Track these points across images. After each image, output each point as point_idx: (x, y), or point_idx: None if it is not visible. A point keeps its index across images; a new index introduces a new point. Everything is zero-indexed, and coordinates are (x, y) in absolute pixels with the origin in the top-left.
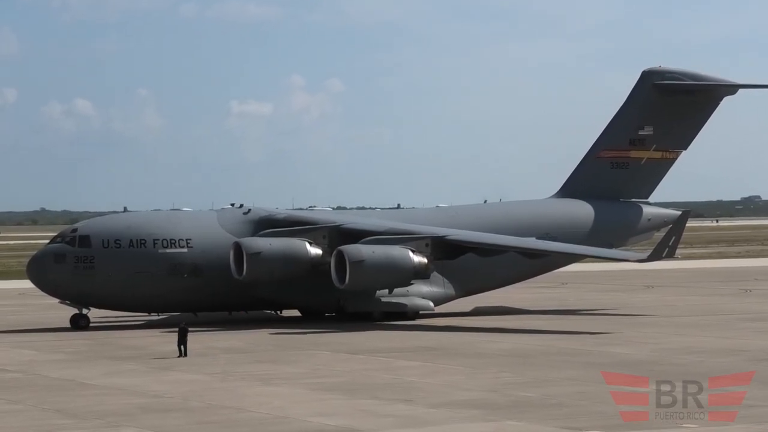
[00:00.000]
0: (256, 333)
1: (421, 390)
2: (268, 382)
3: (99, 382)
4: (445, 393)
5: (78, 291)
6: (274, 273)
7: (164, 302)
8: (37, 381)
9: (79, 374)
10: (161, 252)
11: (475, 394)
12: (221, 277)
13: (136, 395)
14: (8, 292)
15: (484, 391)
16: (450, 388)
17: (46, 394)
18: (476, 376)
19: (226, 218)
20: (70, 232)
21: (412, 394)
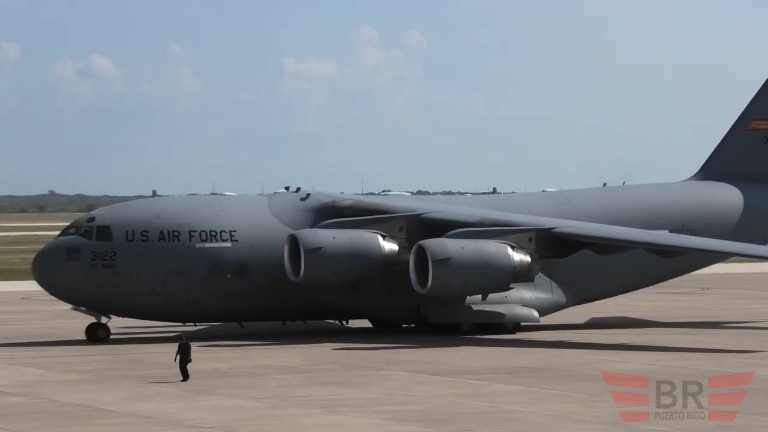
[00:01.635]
0: (316, 348)
1: (523, 422)
2: (331, 410)
3: (121, 408)
4: (552, 426)
5: (95, 295)
6: (338, 273)
7: (202, 310)
8: (43, 406)
9: (96, 398)
10: (199, 247)
11: (592, 427)
12: (273, 279)
13: (166, 425)
14: (9, 295)
15: (604, 423)
16: (559, 419)
17: (55, 423)
18: (593, 405)
19: (279, 205)
20: (85, 221)
21: (510, 426)
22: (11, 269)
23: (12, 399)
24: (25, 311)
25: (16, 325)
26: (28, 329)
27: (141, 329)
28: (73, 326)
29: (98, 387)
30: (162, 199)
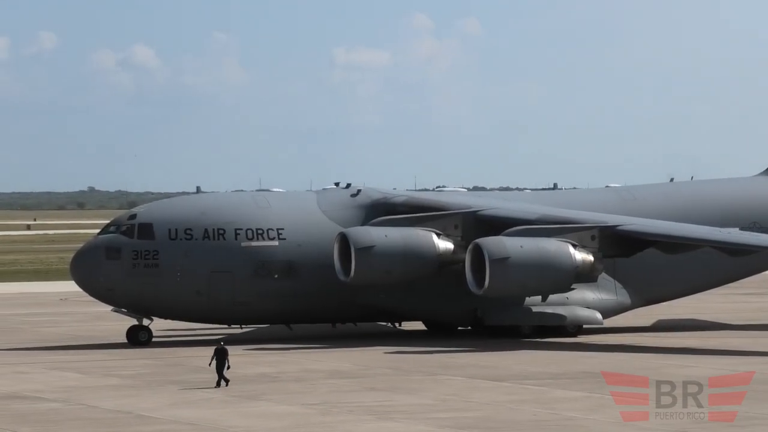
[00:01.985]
0: (367, 352)
1: (585, 429)
2: (384, 417)
3: (164, 415)
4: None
5: (137, 296)
6: (390, 273)
7: (248, 311)
8: (82, 413)
9: (137, 404)
10: (245, 246)
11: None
12: (322, 279)
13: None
14: (46, 296)
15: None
16: (624, 427)
17: (95, 431)
18: (660, 412)
19: (329, 202)
20: (127, 219)
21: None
22: (49, 269)
23: (50, 405)
24: (63, 313)
25: (54, 327)
26: (67, 332)
27: (184, 332)
28: (114, 329)
29: (140, 392)
30: (206, 195)
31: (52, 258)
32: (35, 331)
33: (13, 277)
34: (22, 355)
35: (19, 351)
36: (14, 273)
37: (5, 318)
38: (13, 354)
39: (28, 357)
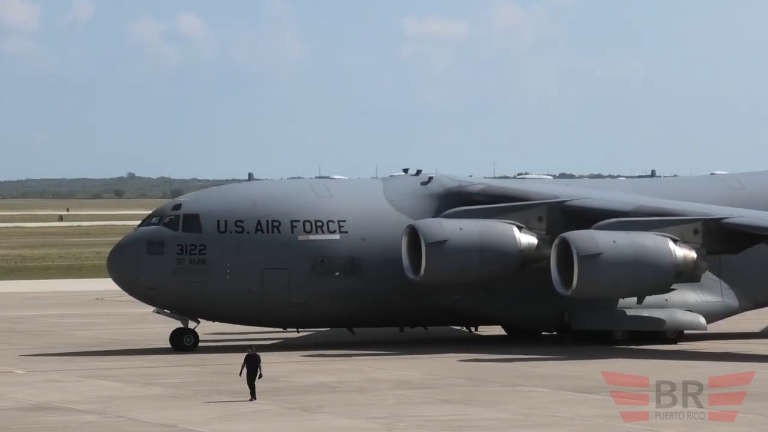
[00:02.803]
0: (439, 359)
1: None
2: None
3: (211, 429)
4: None
5: (182, 295)
6: (466, 272)
7: (306, 313)
8: (121, 426)
9: (182, 417)
10: (302, 240)
11: None
12: (389, 277)
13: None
14: (81, 296)
15: None
16: None
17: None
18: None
19: (397, 190)
20: (171, 209)
21: None
22: (84, 265)
23: (84, 417)
24: (99, 314)
25: (89, 330)
26: (103, 336)
27: (235, 336)
28: (156, 332)
29: (185, 403)
30: (259, 183)
31: (86, 253)
32: (68, 335)
33: (43, 273)
34: (53, 362)
35: (50, 357)
36: (45, 269)
37: (35, 320)
38: (43, 360)
39: (60, 363)
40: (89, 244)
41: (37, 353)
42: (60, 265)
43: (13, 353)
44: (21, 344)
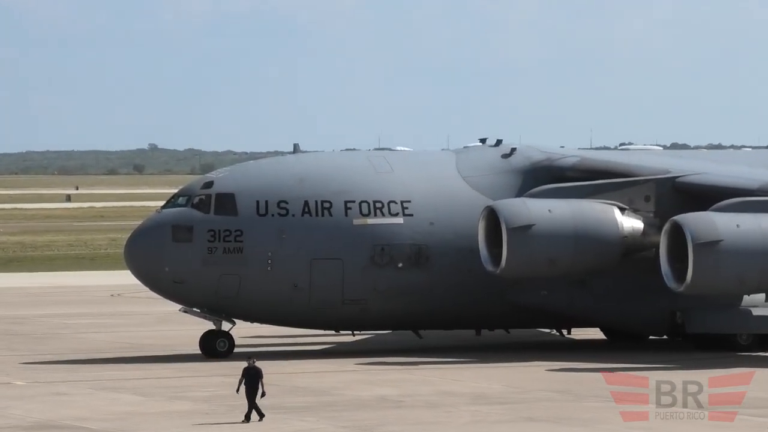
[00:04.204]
0: (523, 369)
1: None
2: None
3: None
4: None
5: (214, 291)
6: (556, 263)
7: (362, 313)
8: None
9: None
10: (358, 224)
11: None
12: (463, 270)
13: None
14: (94, 291)
15: None
16: None
17: None
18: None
19: (472, 164)
20: (200, 187)
21: None
22: (96, 254)
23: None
24: (115, 314)
25: (103, 333)
26: (119, 339)
27: (277, 340)
28: (182, 335)
29: (217, 421)
30: (307, 156)
31: (100, 240)
32: (78, 339)
33: (48, 265)
34: (59, 371)
35: (55, 365)
36: (50, 260)
37: (39, 320)
38: (49, 369)
39: (68, 373)
40: (103, 229)
41: (40, 360)
42: (67, 254)
43: (11, 361)
44: (21, 350)
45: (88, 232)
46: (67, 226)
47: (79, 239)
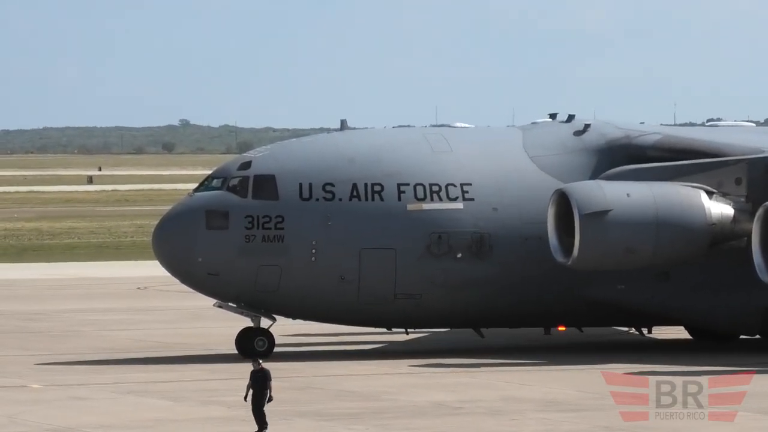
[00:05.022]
0: (597, 372)
1: None
2: None
3: None
4: None
5: (252, 284)
6: (635, 253)
7: (417, 308)
8: None
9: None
10: (413, 209)
11: None
12: (530, 261)
13: None
14: (119, 284)
15: None
16: None
17: None
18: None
19: (541, 142)
20: (237, 168)
21: None
22: (122, 243)
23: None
24: (142, 309)
25: (129, 330)
26: (147, 338)
27: (322, 338)
28: (217, 333)
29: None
30: (356, 134)
31: (125, 226)
32: (100, 337)
33: (68, 254)
34: (79, 372)
35: (75, 366)
36: (70, 249)
37: (58, 316)
38: (68, 370)
39: (88, 375)
40: (128, 214)
41: (58, 361)
42: (89, 242)
43: (26, 361)
44: (37, 349)
45: (112, 217)
46: (88, 211)
47: (102, 226)
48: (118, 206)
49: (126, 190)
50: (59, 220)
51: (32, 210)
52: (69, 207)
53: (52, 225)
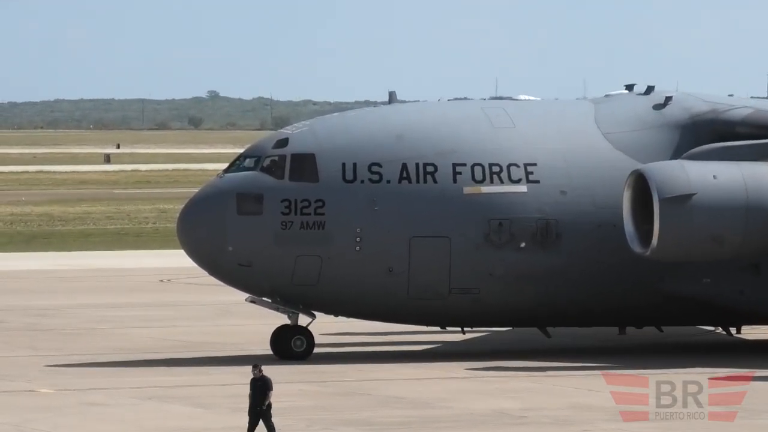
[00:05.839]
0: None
1: None
2: None
3: None
4: None
5: (290, 276)
6: (723, 242)
7: (475, 305)
8: None
9: None
10: (470, 193)
11: None
12: (603, 251)
13: None
14: (140, 275)
15: None
16: None
17: None
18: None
19: (616, 118)
20: (273, 146)
21: None
22: (142, 230)
23: None
24: (166, 304)
25: (150, 328)
26: (171, 337)
27: (368, 337)
28: (249, 331)
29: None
30: (406, 107)
31: (146, 211)
32: (119, 336)
33: (83, 242)
34: (96, 375)
35: (91, 368)
36: (84, 236)
37: (68, 313)
38: (82, 373)
39: (105, 378)
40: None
41: (71, 363)
42: (106, 229)
43: (35, 363)
44: (47, 349)
45: (132, 201)
46: (105, 193)
47: (121, 210)
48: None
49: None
50: (72, 204)
51: (42, 193)
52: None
53: (64, 210)
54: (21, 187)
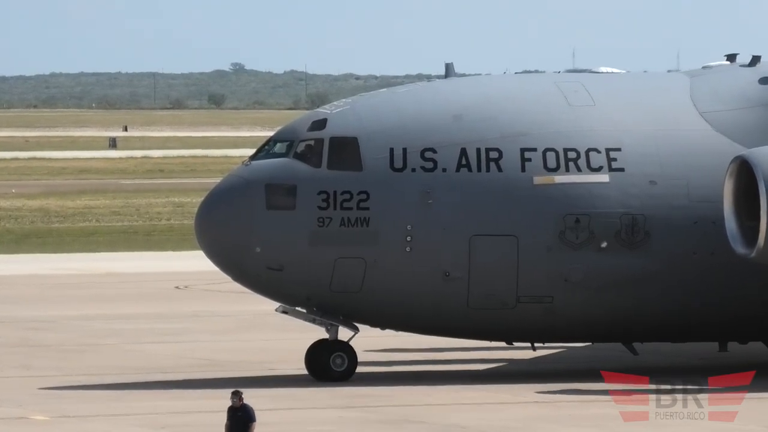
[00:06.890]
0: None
1: None
2: None
3: None
4: None
5: (328, 282)
6: None
7: (549, 315)
8: None
9: None
10: (541, 183)
11: None
12: (699, 252)
13: None
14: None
15: None
16: None
17: None
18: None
19: (714, 93)
20: (308, 128)
21: None
22: (154, 228)
23: None
24: (182, 315)
25: (164, 343)
26: (187, 353)
27: (421, 355)
28: (280, 347)
29: None
30: (465, 82)
31: (158, 205)
32: (126, 352)
33: (84, 242)
34: (99, 400)
35: (93, 391)
36: (86, 235)
37: (69, 325)
38: (82, 397)
39: (110, 403)
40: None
41: (69, 385)
42: (112, 227)
43: (28, 385)
44: (42, 368)
45: (142, 194)
46: (111, 184)
47: (129, 204)
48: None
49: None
50: (72, 198)
51: (36, 183)
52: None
53: (62, 204)
54: (11, 177)
